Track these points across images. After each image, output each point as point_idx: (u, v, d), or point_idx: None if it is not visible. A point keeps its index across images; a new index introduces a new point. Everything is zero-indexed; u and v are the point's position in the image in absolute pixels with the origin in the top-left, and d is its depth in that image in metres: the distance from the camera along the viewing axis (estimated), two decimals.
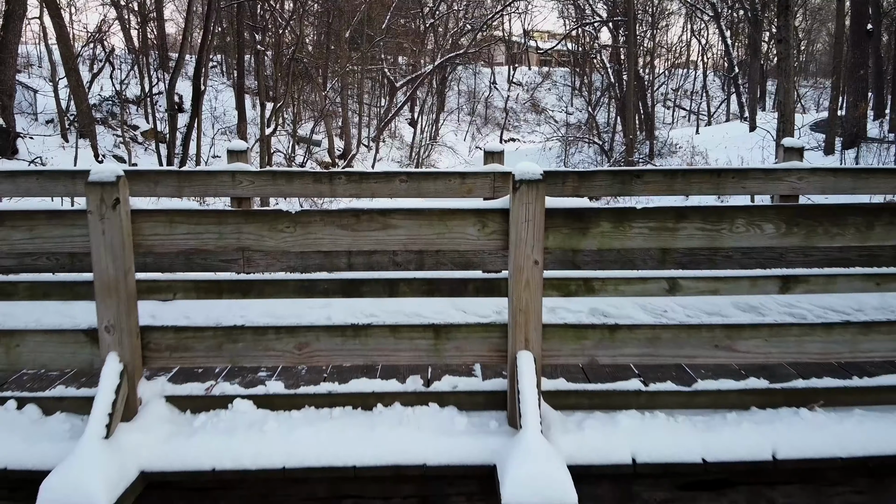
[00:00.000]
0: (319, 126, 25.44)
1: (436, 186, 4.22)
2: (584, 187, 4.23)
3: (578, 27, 34.99)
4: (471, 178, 4.23)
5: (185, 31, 15.58)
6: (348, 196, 4.31)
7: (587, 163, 26.78)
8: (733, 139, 24.59)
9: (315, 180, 4.20)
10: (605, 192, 4.28)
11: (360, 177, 4.19)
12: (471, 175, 4.23)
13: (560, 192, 4.22)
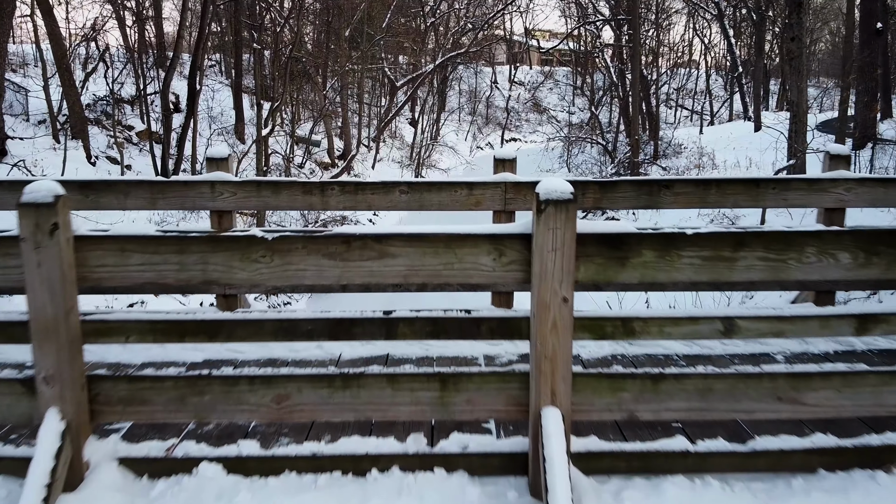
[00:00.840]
0: (319, 126, 24.95)
1: (440, 198, 3.74)
2: (605, 199, 3.76)
3: (581, 26, 34.48)
4: (479, 189, 3.75)
5: (179, 28, 15.08)
6: (342, 209, 3.82)
7: (590, 163, 26.28)
8: (738, 139, 24.09)
9: (305, 191, 3.72)
10: (629, 205, 3.80)
11: (356, 187, 3.71)
12: (479, 185, 3.74)
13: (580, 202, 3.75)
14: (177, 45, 14.98)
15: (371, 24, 28.45)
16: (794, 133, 13.07)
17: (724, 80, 48.34)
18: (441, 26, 36.41)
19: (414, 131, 32.20)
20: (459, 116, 41.29)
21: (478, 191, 3.73)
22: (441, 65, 31.39)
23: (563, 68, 53.54)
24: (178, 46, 14.96)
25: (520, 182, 3.73)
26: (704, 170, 16.34)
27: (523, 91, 49.19)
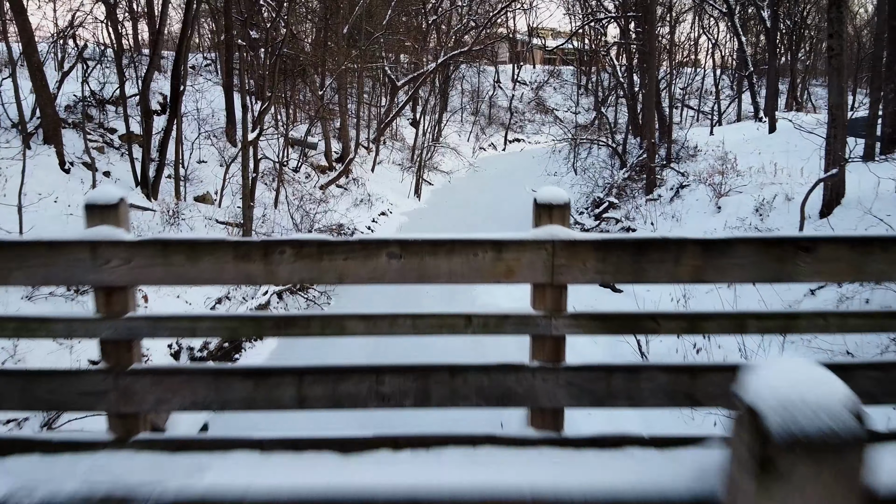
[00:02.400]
0: (315, 127, 23.56)
1: (450, 264, 2.38)
2: (711, 267, 2.38)
3: (591, 23, 33.04)
4: (512, 251, 2.39)
5: (160, 23, 13.70)
6: (298, 281, 2.45)
7: (599, 166, 24.87)
8: (755, 141, 22.66)
9: (239, 256, 2.34)
10: (748, 276, 2.42)
11: (320, 250, 2.34)
12: (512, 246, 2.37)
13: (671, 272, 2.39)
14: (156, 43, 13.60)
15: (371, 21, 27.07)
16: (834, 139, 11.67)
17: (730, 79, 46.91)
18: (443, 24, 34.99)
19: (415, 132, 30.81)
20: (462, 117, 39.87)
21: (510, 253, 2.37)
22: (443, 64, 29.99)
23: (567, 67, 52.07)
24: (157, 44, 13.59)
25: (577, 241, 2.36)
26: (728, 177, 14.93)
27: (527, 90, 47.74)
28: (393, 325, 2.40)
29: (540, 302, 2.42)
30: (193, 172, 16.78)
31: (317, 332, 2.41)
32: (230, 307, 11.33)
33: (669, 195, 16.02)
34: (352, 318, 2.40)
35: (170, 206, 13.09)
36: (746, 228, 12.19)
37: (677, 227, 14.20)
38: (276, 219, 15.73)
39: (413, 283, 2.40)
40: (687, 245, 2.36)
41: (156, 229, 12.12)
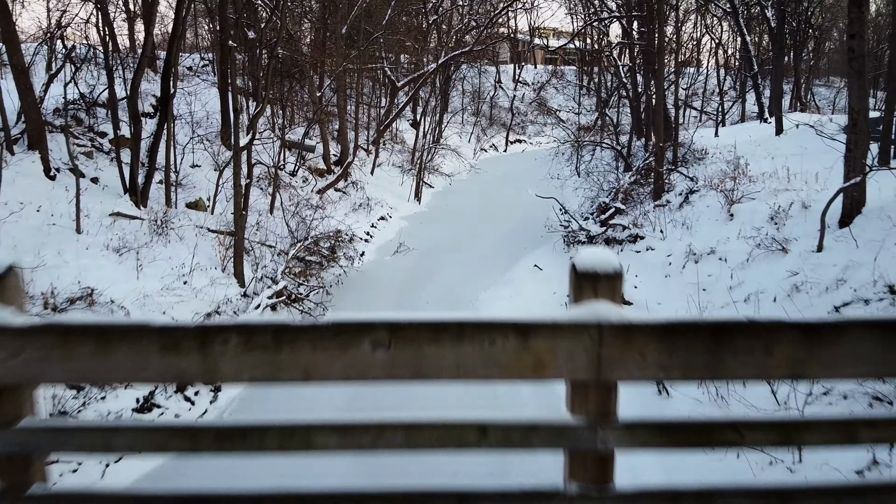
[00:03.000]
0: (313, 130, 22.90)
1: (458, 356, 1.74)
2: (815, 360, 1.78)
3: (590, 24, 32.37)
4: (543, 338, 1.75)
5: (147, 24, 13.04)
6: (248, 380, 1.79)
7: (603, 168, 24.19)
8: (762, 143, 21.95)
9: (167, 346, 1.71)
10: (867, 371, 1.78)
11: (277, 337, 1.70)
12: (542, 330, 1.74)
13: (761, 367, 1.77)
14: (145, 43, 12.94)
15: (370, 21, 26.40)
16: (855, 145, 11.00)
17: (732, 79, 46.22)
18: (444, 24, 34.31)
19: (415, 133, 30.14)
20: (463, 118, 39.18)
21: (541, 340, 1.72)
22: (444, 64, 29.32)
23: (569, 67, 51.35)
24: (146, 45, 12.92)
25: (634, 325, 1.71)
26: (740, 183, 14.27)
27: (528, 91, 47.04)
28: (378, 439, 1.75)
29: (580, 405, 1.76)
30: (186, 177, 16.13)
31: (274, 446, 1.76)
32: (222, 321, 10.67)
33: (678, 201, 15.36)
34: (323, 428, 1.75)
35: (158, 214, 12.44)
36: (763, 238, 11.52)
37: (688, 236, 13.54)
38: (270, 226, 15.08)
39: (406, 381, 1.75)
40: (782, 331, 1.71)
41: (143, 240, 11.47)
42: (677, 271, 12.58)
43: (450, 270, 16.62)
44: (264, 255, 13.63)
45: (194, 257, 11.36)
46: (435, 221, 22.11)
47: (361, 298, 14.33)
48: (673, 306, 11.46)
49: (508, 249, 18.34)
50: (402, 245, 18.18)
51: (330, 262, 15.14)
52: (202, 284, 11.09)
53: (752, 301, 10.44)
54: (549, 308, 13.40)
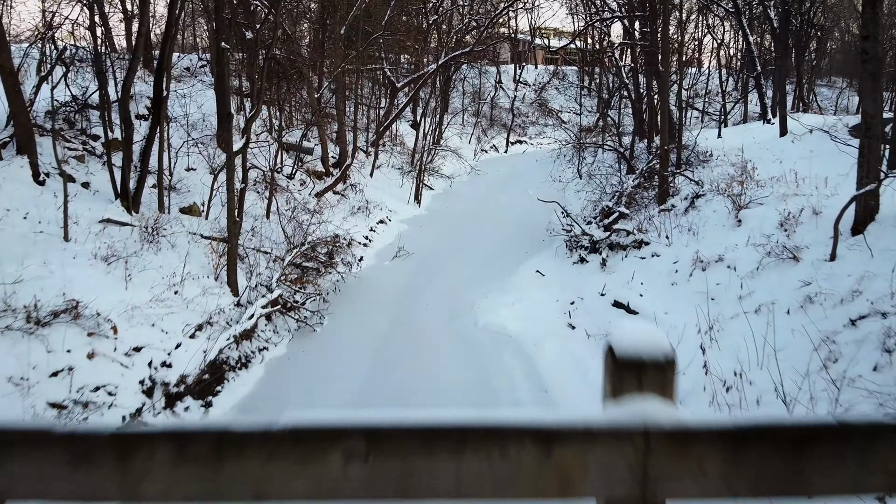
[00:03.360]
0: (312, 132, 22.48)
1: (457, 471, 1.32)
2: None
3: (592, 24, 31.92)
4: (570, 448, 1.32)
5: (140, 24, 12.60)
6: (181, 500, 1.36)
7: (605, 170, 23.77)
8: (767, 145, 21.53)
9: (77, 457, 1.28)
10: None
11: (220, 446, 1.27)
12: (570, 438, 1.31)
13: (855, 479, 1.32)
14: (137, 44, 12.52)
15: (369, 21, 25.97)
16: (868, 150, 10.57)
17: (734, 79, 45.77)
18: (444, 24, 33.86)
19: (415, 135, 29.71)
20: (463, 118, 38.73)
21: (567, 450, 1.30)
22: (444, 64, 28.88)
23: (570, 68, 50.88)
24: (138, 46, 12.50)
25: (691, 431, 1.28)
26: (748, 188, 13.84)
27: (529, 91, 46.58)
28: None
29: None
30: (181, 181, 15.72)
31: None
32: (211, 334, 10.27)
33: (684, 206, 14.94)
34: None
35: (150, 220, 12.01)
36: (773, 246, 11.09)
37: (695, 242, 13.12)
38: (266, 231, 14.66)
39: (389, 500, 1.33)
40: (879, 436, 1.30)
41: (133, 247, 11.05)
42: (684, 279, 12.16)
43: (450, 275, 16.22)
44: (259, 261, 13.22)
45: (185, 266, 10.94)
46: (435, 224, 21.70)
47: (359, 305, 13.93)
48: (680, 317, 11.04)
49: (510, 254, 17.93)
50: (401, 250, 17.77)
51: (327, 268, 14.73)
52: (194, 294, 10.68)
53: (764, 312, 10.02)
54: (552, 317, 12.98)
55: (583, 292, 13.55)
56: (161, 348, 9.41)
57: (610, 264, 14.54)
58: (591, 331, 11.78)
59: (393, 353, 11.72)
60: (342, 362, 11.29)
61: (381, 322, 13.13)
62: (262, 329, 11.62)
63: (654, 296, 12.18)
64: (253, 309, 10.92)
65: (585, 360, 10.90)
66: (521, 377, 10.70)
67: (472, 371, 10.95)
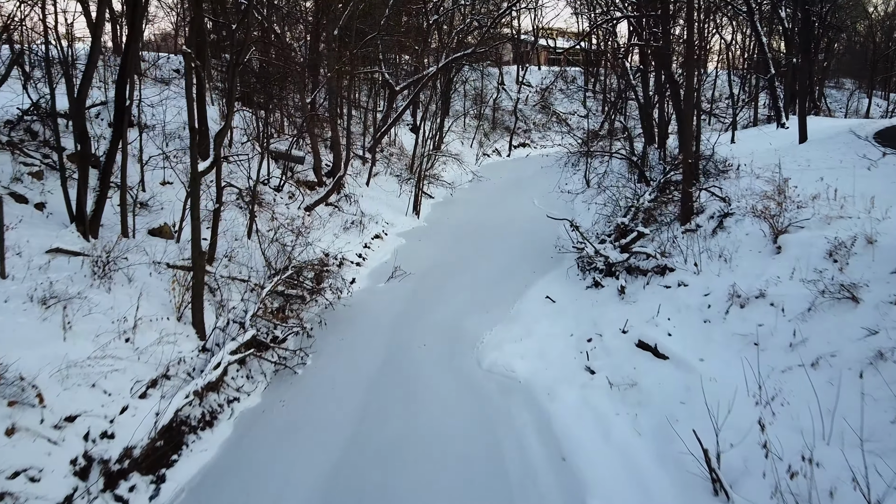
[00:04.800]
0: (304, 138, 20.69)
1: None
2: None
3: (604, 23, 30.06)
4: None
5: (96, 24, 10.79)
6: None
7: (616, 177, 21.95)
8: (787, 151, 19.67)
9: None
10: None
11: None
12: None
13: None
14: (93, 48, 10.72)
15: (367, 21, 24.16)
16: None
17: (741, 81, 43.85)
18: (445, 24, 32.02)
19: (415, 139, 27.90)
20: (465, 121, 36.88)
21: None
22: (445, 66, 27.06)
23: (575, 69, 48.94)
24: (94, 48, 10.70)
25: None
26: (786, 209, 12.01)
27: (532, 93, 44.69)
28: None
29: None
30: (154, 197, 13.95)
31: None
32: (167, 391, 8.51)
33: (711, 226, 13.13)
34: None
35: (107, 248, 10.24)
36: (827, 284, 9.29)
37: (728, 271, 11.32)
38: (244, 256, 12.87)
39: None
40: None
41: (81, 284, 9.27)
42: (719, 316, 10.36)
43: (450, 301, 14.43)
44: (233, 293, 11.45)
45: (140, 308, 9.15)
46: (434, 238, 19.90)
47: (348, 340, 12.14)
48: (719, 365, 9.26)
49: (516, 273, 16.14)
50: (397, 269, 16.00)
51: (314, 295, 12.97)
52: (149, 341, 8.91)
53: (824, 367, 8.24)
54: (566, 356, 11.19)
55: (601, 326, 11.76)
56: (101, 415, 7.65)
57: (630, 292, 12.75)
58: (613, 378, 9.99)
59: (383, 402, 9.96)
60: (324, 416, 9.53)
61: (371, 361, 11.36)
62: (232, 376, 9.85)
63: (684, 335, 10.39)
64: (220, 356, 9.16)
65: (608, 417, 9.12)
66: (533, 438, 8.93)
67: (475, 428, 9.18)
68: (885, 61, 46.64)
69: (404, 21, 31.39)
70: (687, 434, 7.94)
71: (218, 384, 9.24)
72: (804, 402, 7.82)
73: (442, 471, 8.07)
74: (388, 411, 9.71)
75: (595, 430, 8.98)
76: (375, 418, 9.51)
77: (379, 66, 26.20)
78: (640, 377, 9.74)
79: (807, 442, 7.26)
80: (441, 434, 9.00)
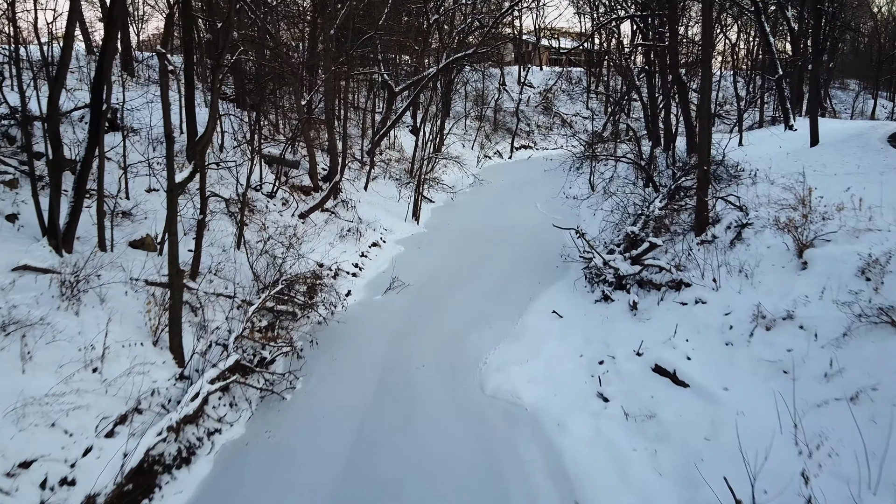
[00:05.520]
0: (299, 141, 19.81)
1: None
2: None
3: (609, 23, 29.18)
4: None
5: (69, 23, 9.90)
6: None
7: (622, 183, 21.08)
8: (799, 155, 18.79)
9: None
10: None
11: None
12: None
13: None
14: (65, 46, 9.83)
15: (365, 20, 23.26)
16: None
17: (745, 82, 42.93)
18: (446, 24, 31.10)
19: (415, 141, 27.00)
20: (466, 123, 35.96)
21: None
22: (446, 67, 26.17)
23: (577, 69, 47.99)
24: (66, 48, 9.81)
25: None
26: (811, 221, 11.11)
27: (534, 94, 43.76)
28: None
29: None
30: (139, 206, 13.08)
31: None
32: (137, 427, 7.62)
33: (728, 237, 12.24)
34: None
35: (80, 264, 9.37)
36: (864, 306, 8.41)
37: (749, 288, 10.43)
38: (230, 271, 11.97)
39: None
40: None
41: (47, 306, 8.39)
42: (742, 339, 9.47)
43: (450, 314, 13.54)
44: (218, 311, 10.56)
45: (107, 336, 8.26)
46: (434, 245, 19.01)
47: (341, 360, 11.26)
48: (746, 396, 8.37)
49: (519, 284, 15.25)
50: (395, 280, 15.12)
51: (306, 310, 12.09)
52: (120, 371, 8.04)
53: (864, 401, 7.35)
54: (577, 381, 10.30)
55: (613, 347, 10.87)
56: (62, 458, 6.77)
57: (643, 308, 11.86)
58: (629, 407, 9.10)
59: (378, 432, 9.08)
60: (313, 448, 8.66)
61: (365, 384, 10.48)
62: (213, 405, 8.97)
63: (705, 359, 9.50)
64: (199, 385, 8.28)
65: (625, 453, 8.24)
66: (542, 477, 8.04)
67: (479, 465, 8.30)
68: (890, 62, 45.75)
69: (404, 21, 30.48)
70: (714, 478, 7.07)
71: (197, 416, 8.36)
72: (845, 444, 6.94)
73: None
74: (383, 443, 8.84)
75: (611, 468, 8.10)
76: (369, 451, 8.64)
77: (378, 67, 25.29)
78: (659, 407, 8.85)
79: (852, 492, 6.39)
80: (441, 473, 8.12)
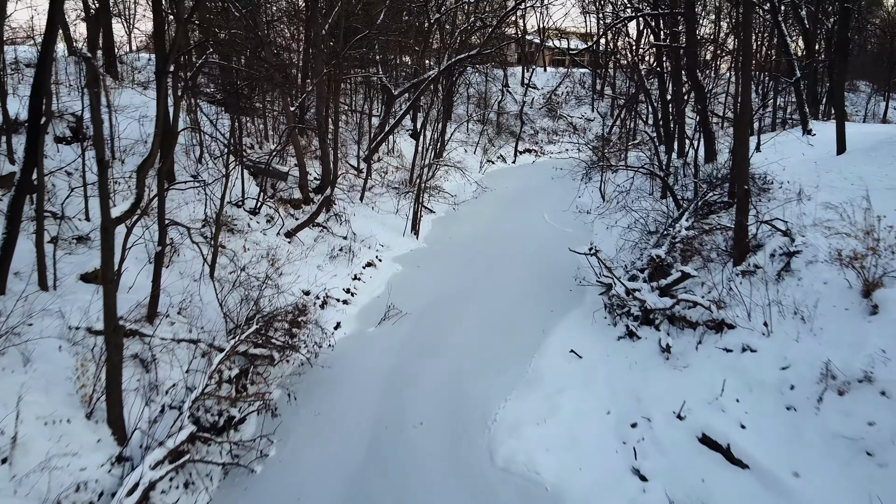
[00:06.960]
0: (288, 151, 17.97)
1: None
2: None
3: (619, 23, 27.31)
4: None
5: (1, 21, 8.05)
6: None
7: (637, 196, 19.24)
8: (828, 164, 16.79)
9: None
10: None
11: None
12: None
13: None
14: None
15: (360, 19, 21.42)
16: None
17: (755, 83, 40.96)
18: (447, 24, 29.23)
19: (415, 147, 25.13)
20: (468, 126, 34.06)
21: None
22: (447, 68, 24.30)
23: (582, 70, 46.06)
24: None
25: None
26: (878, 253, 9.26)
27: (538, 95, 41.84)
28: None
29: None
30: (97, 230, 11.21)
31: None
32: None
33: (775, 268, 10.42)
34: None
35: (8, 308, 7.55)
36: None
37: (809, 336, 8.60)
38: (195, 309, 10.11)
39: None
40: None
41: None
42: (808, 405, 7.65)
43: (453, 353, 11.67)
44: (175, 365, 8.72)
45: (18, 417, 6.43)
46: (435, 264, 17.15)
47: (324, 415, 9.42)
48: (823, 485, 6.55)
49: (530, 312, 13.40)
50: (390, 308, 13.29)
51: (285, 352, 10.27)
52: (37, 460, 6.21)
53: None
54: (605, 449, 8.44)
55: (646, 405, 9.03)
56: None
57: (677, 352, 10.03)
58: (674, 492, 7.27)
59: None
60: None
61: (352, 450, 8.66)
62: (164, 488, 7.15)
63: (763, 429, 7.67)
64: (138, 473, 6.45)
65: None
66: None
67: None
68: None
69: (405, 20, 28.61)
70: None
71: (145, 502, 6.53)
72: None
73: None
74: None
75: None
76: None
77: (375, 69, 23.43)
78: (712, 495, 7.03)
79: None
80: None
